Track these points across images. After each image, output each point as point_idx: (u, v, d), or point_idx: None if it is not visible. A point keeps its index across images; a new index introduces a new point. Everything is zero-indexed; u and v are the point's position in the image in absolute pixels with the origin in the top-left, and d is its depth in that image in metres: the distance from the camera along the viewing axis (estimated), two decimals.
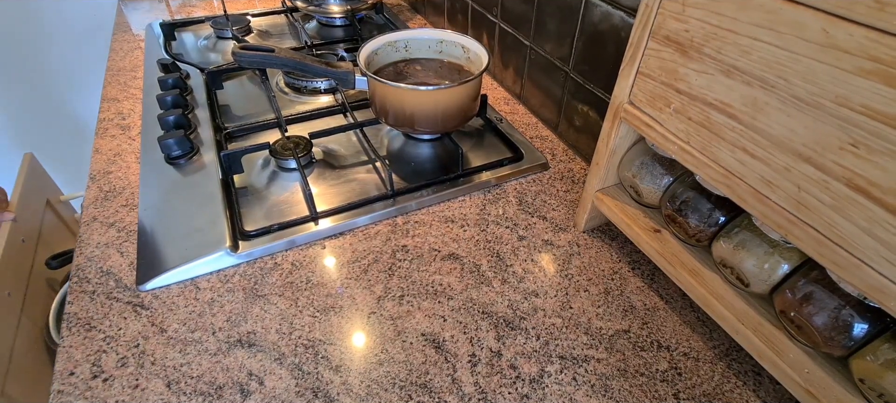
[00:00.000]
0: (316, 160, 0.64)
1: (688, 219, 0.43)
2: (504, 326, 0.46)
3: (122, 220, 0.54)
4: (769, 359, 0.37)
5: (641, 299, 0.49)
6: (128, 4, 1.08)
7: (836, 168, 0.29)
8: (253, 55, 0.61)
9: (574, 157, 0.68)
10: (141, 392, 0.39)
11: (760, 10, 0.30)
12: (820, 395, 0.34)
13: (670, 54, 0.37)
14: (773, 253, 0.37)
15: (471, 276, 0.50)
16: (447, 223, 0.56)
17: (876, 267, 0.28)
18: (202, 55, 0.89)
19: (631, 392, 0.41)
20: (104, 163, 0.62)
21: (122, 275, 0.48)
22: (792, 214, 0.32)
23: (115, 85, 0.79)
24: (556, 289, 0.49)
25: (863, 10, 0.25)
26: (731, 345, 0.45)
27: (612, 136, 0.46)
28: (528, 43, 0.72)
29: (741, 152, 0.34)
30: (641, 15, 0.39)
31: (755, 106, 0.32)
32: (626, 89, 0.43)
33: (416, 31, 0.70)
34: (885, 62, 0.25)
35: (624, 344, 0.44)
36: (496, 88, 0.84)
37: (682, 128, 0.39)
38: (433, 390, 0.40)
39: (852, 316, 0.33)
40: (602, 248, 0.54)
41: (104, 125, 0.69)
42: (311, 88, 0.78)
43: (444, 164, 0.64)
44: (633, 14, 0.52)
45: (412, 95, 0.59)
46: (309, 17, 1.05)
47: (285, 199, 0.57)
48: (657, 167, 0.46)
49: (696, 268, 0.44)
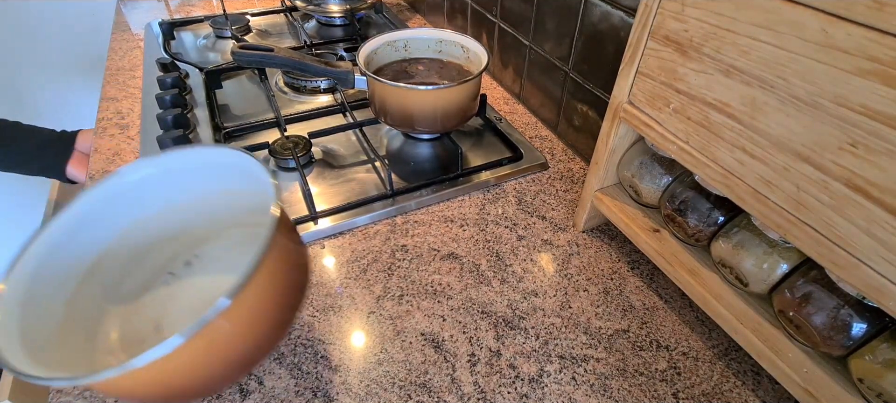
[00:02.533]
0: (315, 160, 0.64)
1: (687, 219, 0.43)
2: (503, 326, 0.46)
3: None
4: (768, 359, 0.37)
5: (640, 299, 0.49)
6: (127, 4, 1.08)
7: (835, 168, 0.29)
8: (252, 54, 0.61)
9: (573, 157, 0.68)
10: None
11: (759, 9, 0.30)
12: (819, 395, 0.34)
13: (669, 54, 0.37)
14: (771, 253, 0.37)
15: (470, 276, 0.50)
16: (446, 223, 0.56)
17: (875, 266, 0.28)
18: (201, 54, 0.89)
19: (630, 391, 0.41)
20: (103, 163, 0.62)
21: None
22: (791, 214, 0.32)
23: (114, 84, 0.79)
24: (556, 289, 0.49)
25: (862, 9, 0.25)
26: (730, 345, 0.45)
27: (612, 136, 0.47)
28: (527, 42, 0.72)
29: (740, 152, 0.34)
30: (641, 15, 0.39)
31: (754, 106, 0.32)
32: (626, 89, 0.43)
33: (416, 31, 0.70)
34: (884, 62, 0.25)
35: (623, 344, 0.45)
36: (496, 88, 0.84)
37: (682, 127, 0.39)
38: (432, 389, 0.40)
39: (851, 315, 0.33)
40: (601, 248, 0.54)
41: (103, 124, 0.69)
42: (310, 88, 0.78)
43: (444, 164, 0.64)
44: (632, 14, 0.52)
45: (412, 95, 0.59)
46: (308, 17, 1.05)
47: (284, 199, 0.57)
48: (656, 167, 0.46)
49: (695, 268, 0.44)
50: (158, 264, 0.41)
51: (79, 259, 0.35)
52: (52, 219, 0.34)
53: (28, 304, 0.31)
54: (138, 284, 0.39)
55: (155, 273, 0.40)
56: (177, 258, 0.41)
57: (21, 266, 0.32)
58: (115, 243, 0.37)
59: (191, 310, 0.38)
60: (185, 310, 0.38)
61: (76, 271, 0.35)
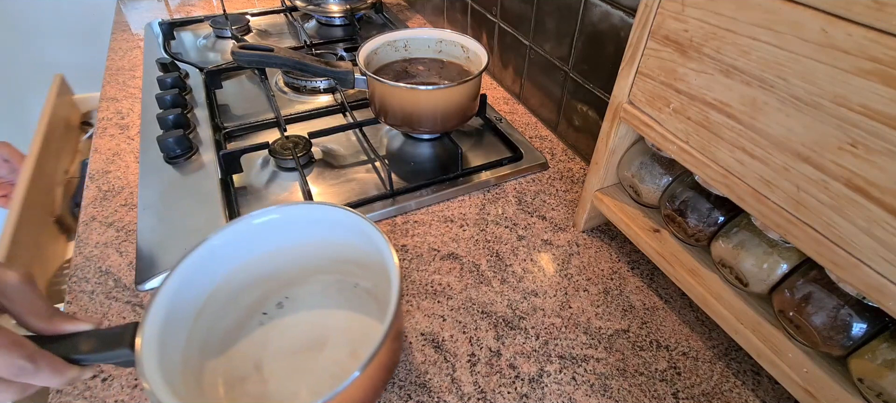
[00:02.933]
0: (315, 160, 0.64)
1: (687, 219, 0.43)
2: (503, 326, 0.46)
3: (120, 220, 0.54)
4: (768, 359, 0.37)
5: (640, 299, 0.49)
6: (127, 3, 1.08)
7: (835, 168, 0.29)
8: (252, 54, 0.61)
9: (573, 157, 0.68)
10: (140, 391, 0.39)
11: (759, 9, 0.30)
12: (819, 394, 0.34)
13: (669, 54, 0.37)
14: (772, 253, 0.37)
15: (470, 276, 0.50)
16: (446, 222, 0.56)
17: (874, 266, 0.28)
18: (201, 54, 0.89)
19: (630, 391, 0.41)
20: (103, 163, 0.62)
21: (121, 275, 0.48)
22: (791, 214, 0.32)
23: (114, 84, 0.79)
24: (556, 289, 0.49)
25: (861, 10, 0.25)
26: (729, 345, 0.45)
27: (612, 136, 0.47)
28: (527, 42, 0.72)
29: (740, 152, 0.34)
30: (641, 14, 0.39)
31: (754, 106, 0.32)
32: (626, 89, 0.43)
33: (416, 31, 0.70)
34: (884, 62, 0.25)
35: (623, 344, 0.45)
36: (495, 88, 0.84)
37: (682, 127, 0.39)
38: (432, 389, 0.40)
39: (851, 315, 0.33)
40: (601, 248, 0.54)
41: (103, 124, 0.69)
42: (310, 88, 0.78)
43: (444, 164, 0.64)
44: (632, 14, 0.52)
45: (412, 95, 0.59)
46: (308, 17, 1.05)
47: (285, 199, 0.57)
48: (656, 167, 0.46)
49: (695, 268, 0.44)
50: (250, 304, 0.43)
51: (195, 299, 0.37)
52: (185, 256, 0.36)
53: (163, 344, 0.32)
54: (232, 324, 0.41)
55: (248, 313, 0.43)
56: (268, 299, 0.44)
57: (158, 304, 0.33)
58: (221, 283, 0.39)
59: (287, 351, 0.41)
60: (281, 351, 0.41)
61: (191, 312, 0.37)
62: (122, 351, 0.30)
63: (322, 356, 0.41)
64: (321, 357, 0.40)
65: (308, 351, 0.41)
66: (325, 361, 0.40)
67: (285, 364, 0.40)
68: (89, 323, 0.31)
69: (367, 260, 0.40)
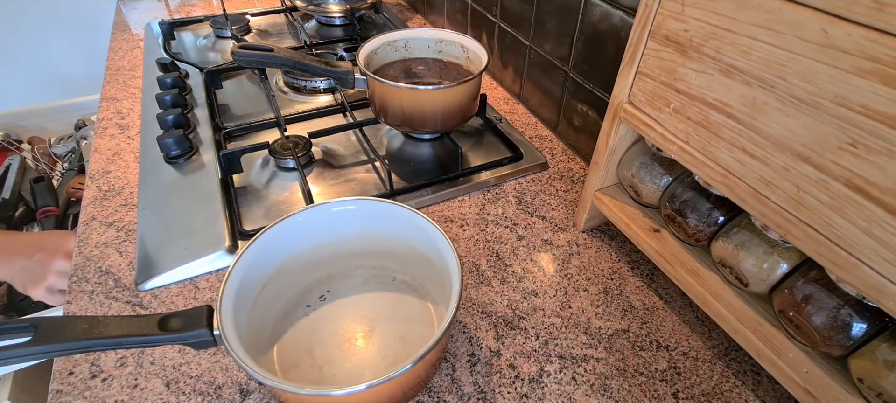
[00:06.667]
0: (315, 159, 0.64)
1: (687, 219, 0.43)
2: (503, 326, 0.46)
3: (120, 220, 0.54)
4: (768, 359, 0.37)
5: (640, 299, 0.49)
6: (127, 3, 1.08)
7: (835, 168, 0.29)
8: (252, 54, 0.61)
9: (573, 157, 0.68)
10: (140, 391, 0.39)
11: (759, 9, 0.30)
12: (819, 395, 0.34)
13: (669, 54, 0.37)
14: (772, 253, 0.37)
15: (470, 276, 0.50)
16: (446, 222, 0.56)
17: (874, 266, 0.28)
18: (201, 54, 0.89)
19: (630, 391, 0.41)
20: (103, 163, 0.62)
21: (121, 275, 0.48)
22: (791, 214, 0.32)
23: (114, 84, 0.79)
24: (556, 289, 0.49)
25: (861, 10, 0.25)
26: (730, 345, 0.45)
27: (612, 136, 0.47)
28: (527, 42, 0.72)
29: (740, 152, 0.34)
30: (641, 14, 0.39)
31: (754, 106, 0.32)
32: (626, 89, 0.43)
33: (416, 31, 0.70)
34: (884, 62, 0.25)
35: (623, 344, 0.45)
36: (496, 88, 0.84)
37: (682, 127, 0.39)
38: (432, 389, 0.40)
39: (851, 315, 0.33)
40: (601, 248, 0.54)
41: (103, 124, 0.69)
42: (310, 88, 0.78)
43: (444, 164, 0.64)
44: (632, 14, 0.52)
45: (412, 95, 0.59)
46: (308, 17, 1.05)
47: (285, 199, 0.57)
48: (656, 167, 0.46)
49: (695, 268, 0.44)
50: (294, 297, 0.45)
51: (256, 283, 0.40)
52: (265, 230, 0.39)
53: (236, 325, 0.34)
54: (279, 315, 0.44)
55: (293, 306, 0.45)
56: (310, 293, 0.46)
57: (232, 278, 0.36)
58: (273, 275, 0.41)
59: (337, 337, 0.43)
60: (331, 337, 0.43)
61: (251, 298, 0.39)
62: (202, 331, 0.33)
63: (371, 340, 0.43)
64: (371, 342, 0.43)
65: (357, 337, 0.43)
66: (376, 345, 0.42)
67: (336, 349, 0.42)
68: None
69: (408, 254, 0.44)
